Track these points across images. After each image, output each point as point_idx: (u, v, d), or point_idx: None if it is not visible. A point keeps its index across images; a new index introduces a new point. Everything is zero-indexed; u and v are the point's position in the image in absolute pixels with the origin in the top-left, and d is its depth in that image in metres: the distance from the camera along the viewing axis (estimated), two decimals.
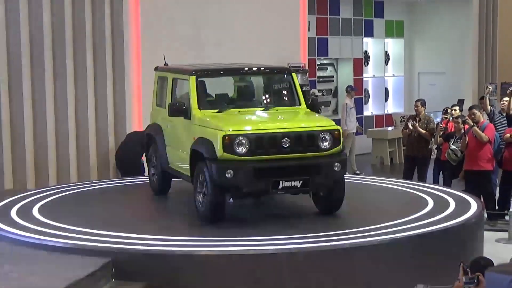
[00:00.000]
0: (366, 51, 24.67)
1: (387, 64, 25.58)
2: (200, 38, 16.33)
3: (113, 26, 14.84)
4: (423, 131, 14.75)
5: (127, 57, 14.91)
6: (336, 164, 9.65)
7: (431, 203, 10.73)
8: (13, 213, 10.42)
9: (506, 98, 15.09)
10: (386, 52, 25.49)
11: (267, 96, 11.19)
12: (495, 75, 25.65)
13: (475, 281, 4.95)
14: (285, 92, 10.98)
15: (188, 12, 16.16)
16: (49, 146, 14.17)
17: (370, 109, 24.66)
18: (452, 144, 13.86)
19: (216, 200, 9.58)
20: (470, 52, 24.79)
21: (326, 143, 9.64)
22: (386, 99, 25.33)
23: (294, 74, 10.97)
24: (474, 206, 10.47)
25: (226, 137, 9.32)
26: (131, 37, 15.02)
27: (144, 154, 12.63)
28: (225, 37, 16.80)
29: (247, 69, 11.24)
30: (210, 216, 9.69)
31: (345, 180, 10.18)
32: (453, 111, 14.97)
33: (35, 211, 10.59)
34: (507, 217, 12.61)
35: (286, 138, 9.47)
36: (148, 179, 12.06)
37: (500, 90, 23.37)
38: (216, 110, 10.23)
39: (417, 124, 14.92)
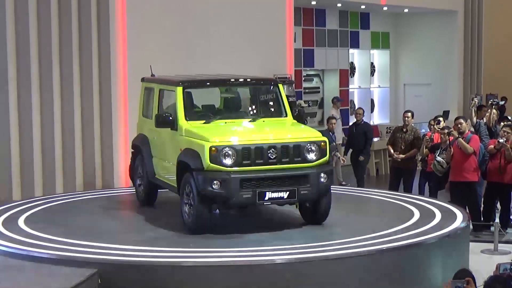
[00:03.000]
0: (352, 62, 24.75)
1: (372, 75, 25.65)
2: (187, 49, 16.35)
3: (100, 36, 14.84)
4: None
5: (113, 67, 14.90)
6: (322, 175, 9.70)
7: (417, 214, 10.78)
8: None
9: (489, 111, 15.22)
10: (372, 63, 25.58)
11: (253, 107, 11.22)
12: (480, 87, 25.82)
13: (464, 286, 5.00)
14: (271, 103, 11.02)
15: (175, 23, 16.18)
16: (35, 156, 14.14)
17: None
18: (437, 156, 13.92)
19: (202, 211, 9.61)
20: (456, 64, 24.96)
21: (313, 154, 9.70)
22: (372, 110, 25.40)
23: (280, 85, 11.01)
24: (460, 217, 10.53)
25: (213, 148, 9.36)
26: (118, 48, 15.01)
27: None
28: (212, 48, 16.83)
29: (233, 80, 11.27)
30: (196, 227, 9.71)
31: (331, 191, 10.23)
32: (440, 123, 15.02)
33: (20, 222, 10.56)
34: (492, 228, 12.67)
35: (273, 149, 9.52)
36: (134, 189, 12.06)
37: (485, 101, 23.50)
38: (203, 121, 10.27)
39: (405, 134, 15.05)
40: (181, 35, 16.32)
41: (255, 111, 11.04)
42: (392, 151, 15.19)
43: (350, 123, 23.79)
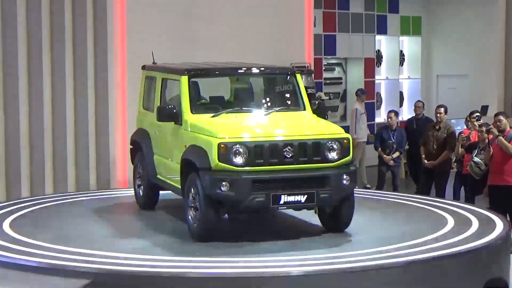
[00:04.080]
0: (378, 50, 24.76)
1: (402, 65, 25.67)
2: (192, 34, 16.35)
3: (96, 18, 14.87)
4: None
5: (110, 54, 14.94)
6: (344, 176, 9.69)
7: (451, 222, 10.77)
8: None
9: None
10: (401, 51, 25.59)
11: (267, 99, 11.24)
12: None
13: None
14: (288, 95, 11.03)
15: (179, 4, 16.20)
16: (22, 152, 14.18)
17: (382, 115, 24.68)
18: (475, 156, 13.89)
19: (209, 215, 9.61)
20: (496, 53, 24.84)
21: (334, 153, 9.69)
22: (401, 104, 25.41)
23: (298, 75, 11.02)
24: (499, 225, 10.50)
25: (222, 145, 9.35)
26: (115, 32, 15.04)
27: None
28: (221, 32, 16.82)
29: (245, 69, 11.27)
30: (202, 234, 9.72)
31: (355, 195, 10.22)
32: (479, 119, 14.96)
33: (5, 225, 10.60)
34: None
35: (289, 147, 9.51)
36: (134, 191, 12.09)
37: None
38: (211, 115, 10.27)
39: (437, 132, 15.02)
40: (186, 19, 16.32)
41: (269, 104, 11.05)
42: (423, 154, 15.15)
43: (377, 118, 24.01)
